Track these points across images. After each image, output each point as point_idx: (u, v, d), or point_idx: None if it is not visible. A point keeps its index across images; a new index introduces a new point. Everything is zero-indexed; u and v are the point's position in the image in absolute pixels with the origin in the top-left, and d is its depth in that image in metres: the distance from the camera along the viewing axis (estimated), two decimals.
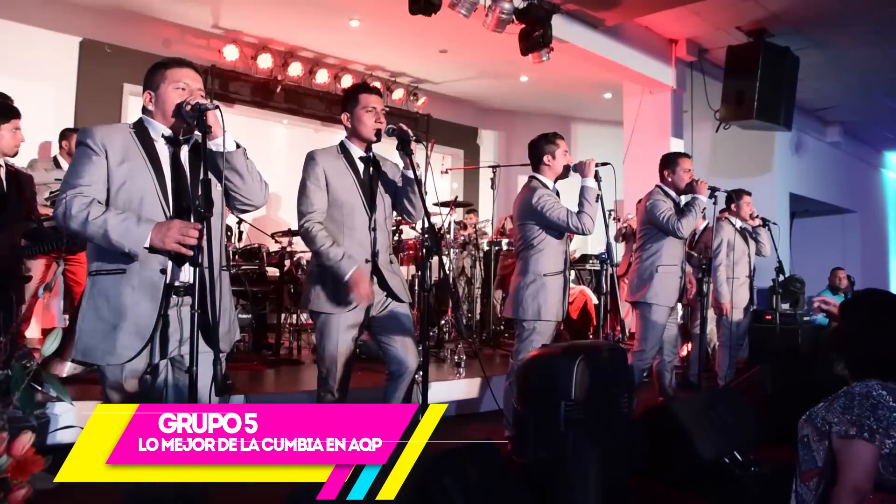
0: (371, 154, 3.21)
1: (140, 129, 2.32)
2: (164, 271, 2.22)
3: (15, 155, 3.77)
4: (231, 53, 7.76)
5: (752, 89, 7.30)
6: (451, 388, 4.92)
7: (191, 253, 2.09)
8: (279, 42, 8.18)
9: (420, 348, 3.09)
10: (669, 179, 4.57)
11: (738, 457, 3.48)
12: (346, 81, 8.69)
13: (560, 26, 6.44)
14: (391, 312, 3.18)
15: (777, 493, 2.91)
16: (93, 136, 2.23)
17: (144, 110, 2.37)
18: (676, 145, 7.95)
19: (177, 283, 2.25)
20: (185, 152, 2.36)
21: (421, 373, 2.98)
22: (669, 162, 4.62)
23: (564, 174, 3.95)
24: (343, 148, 3.20)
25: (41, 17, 6.82)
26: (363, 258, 3.09)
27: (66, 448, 1.71)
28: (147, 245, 2.12)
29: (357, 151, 3.18)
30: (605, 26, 7.03)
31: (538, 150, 3.95)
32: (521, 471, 2.89)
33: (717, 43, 7.78)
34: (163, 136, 2.32)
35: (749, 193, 5.79)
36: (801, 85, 7.78)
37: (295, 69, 8.27)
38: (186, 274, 2.25)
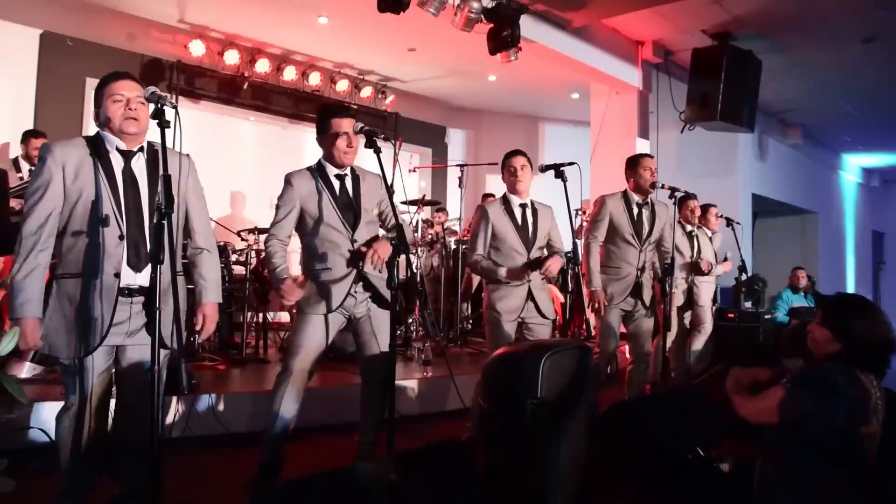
0: (347, 171, 3.21)
1: (96, 143, 2.44)
2: (117, 275, 2.39)
3: None
4: (197, 49, 7.65)
5: (716, 91, 7.41)
6: (417, 387, 4.93)
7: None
8: (246, 38, 8.09)
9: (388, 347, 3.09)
10: (632, 181, 4.57)
11: (701, 452, 3.54)
12: (314, 79, 8.64)
13: (528, 26, 6.47)
14: (371, 318, 3.24)
15: (739, 487, 2.97)
16: (52, 153, 2.37)
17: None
18: (642, 146, 8.05)
19: (131, 286, 2.42)
20: (139, 163, 2.47)
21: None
22: (632, 164, 4.61)
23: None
24: (319, 167, 3.21)
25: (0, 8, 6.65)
26: (345, 267, 3.13)
27: (25, 451, 1.67)
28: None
29: (332, 170, 3.19)
30: (572, 27, 7.09)
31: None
32: (486, 469, 2.90)
33: (683, 45, 7.91)
34: (116, 148, 2.44)
35: (695, 197, 5.95)
36: (763, 88, 7.93)
37: (262, 66, 8.22)
38: (138, 278, 2.43)
